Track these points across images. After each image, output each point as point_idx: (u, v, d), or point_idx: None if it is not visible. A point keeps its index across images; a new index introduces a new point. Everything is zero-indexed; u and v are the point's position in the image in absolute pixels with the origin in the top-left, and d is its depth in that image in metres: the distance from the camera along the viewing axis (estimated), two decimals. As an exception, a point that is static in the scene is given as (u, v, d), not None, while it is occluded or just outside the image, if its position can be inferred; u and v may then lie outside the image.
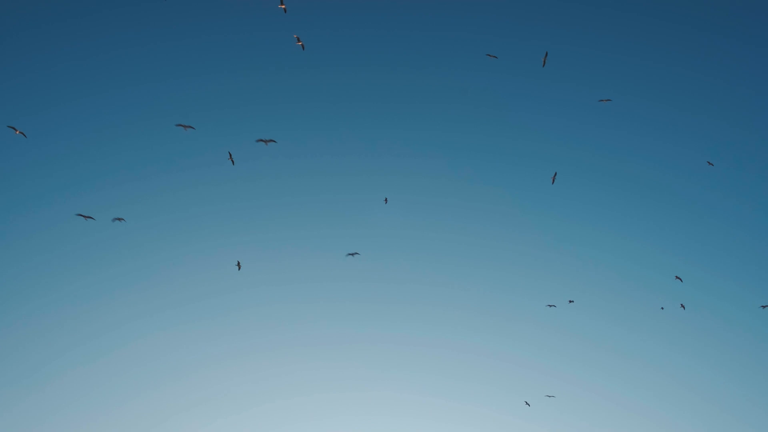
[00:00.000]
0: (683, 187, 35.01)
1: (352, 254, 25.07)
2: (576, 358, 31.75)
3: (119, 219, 23.97)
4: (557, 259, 32.86)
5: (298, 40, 22.15)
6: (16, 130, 21.89)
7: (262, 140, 23.30)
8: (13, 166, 30.80)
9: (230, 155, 23.56)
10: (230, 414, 29.42)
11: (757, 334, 33.02)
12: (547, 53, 23.89)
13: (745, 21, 35.32)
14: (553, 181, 24.46)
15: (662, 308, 28.52)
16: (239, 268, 25.55)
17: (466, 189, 34.75)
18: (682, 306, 27.20)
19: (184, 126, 22.87)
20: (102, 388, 29.46)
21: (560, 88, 35.13)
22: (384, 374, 31.41)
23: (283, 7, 21.77)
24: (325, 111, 34.52)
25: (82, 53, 31.91)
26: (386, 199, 27.76)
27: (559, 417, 29.99)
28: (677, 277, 27.26)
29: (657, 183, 35.10)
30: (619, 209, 35.32)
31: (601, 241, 34.75)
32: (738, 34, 35.28)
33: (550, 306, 27.53)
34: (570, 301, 27.62)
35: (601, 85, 35.36)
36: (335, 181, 33.99)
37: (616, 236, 34.85)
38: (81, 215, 22.78)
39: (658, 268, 32.57)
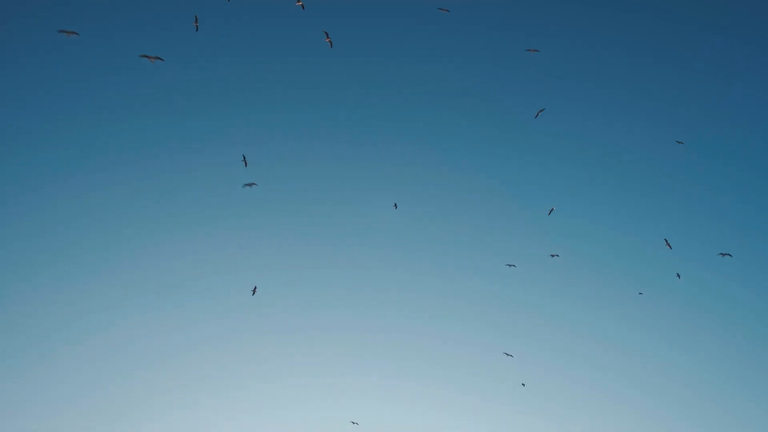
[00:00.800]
0: (678, 182, 34.94)
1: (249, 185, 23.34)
2: (561, 347, 31.67)
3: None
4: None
5: (327, 37, 21.41)
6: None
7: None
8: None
9: (244, 158, 23.10)
10: (207, 402, 29.01)
11: (751, 330, 33.00)
12: (543, 109, 23.61)
13: (745, 20, 35.33)
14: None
15: (641, 293, 28.45)
16: (254, 293, 25.14)
17: (449, 177, 34.41)
18: (678, 275, 26.20)
19: (150, 57, 19.81)
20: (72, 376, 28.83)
21: (559, 84, 34.95)
22: (371, 362, 30.84)
23: (301, 3, 21.28)
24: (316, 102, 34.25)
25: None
26: (396, 205, 27.18)
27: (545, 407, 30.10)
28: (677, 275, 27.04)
29: (654, 180, 35.00)
30: (616, 206, 35.18)
31: (598, 237, 34.65)
32: (738, 33, 35.28)
33: (508, 355, 26.82)
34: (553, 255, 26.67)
35: (602, 83, 35.33)
36: (316, 168, 33.62)
37: (614, 233, 34.74)
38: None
39: (655, 264, 32.77)
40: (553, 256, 26.58)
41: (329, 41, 21.40)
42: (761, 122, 35.29)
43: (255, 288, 25.04)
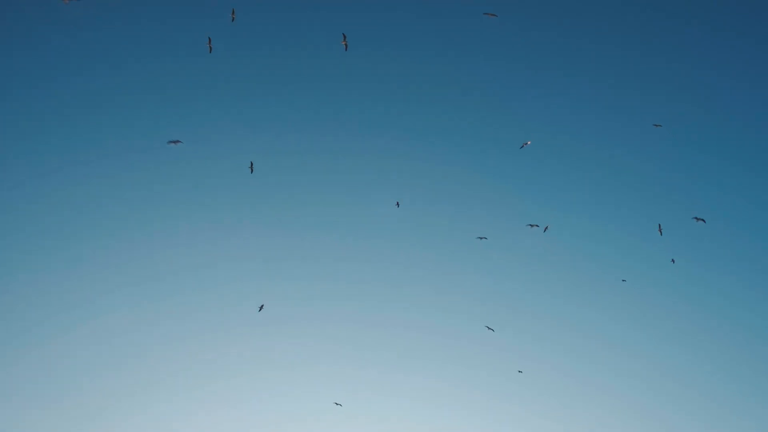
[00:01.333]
0: (674, 180, 34.81)
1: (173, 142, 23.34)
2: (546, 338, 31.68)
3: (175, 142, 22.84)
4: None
5: (344, 39, 21.03)
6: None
7: (172, 142, 22.63)
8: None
9: (251, 164, 23.12)
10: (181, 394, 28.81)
11: (744, 327, 32.91)
12: (527, 143, 23.37)
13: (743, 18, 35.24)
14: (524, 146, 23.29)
15: (624, 280, 28.51)
16: (260, 310, 25.29)
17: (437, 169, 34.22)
18: (659, 229, 23.84)
19: (174, 142, 22.73)
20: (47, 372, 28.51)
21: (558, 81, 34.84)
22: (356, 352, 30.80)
23: (345, 43, 20.97)
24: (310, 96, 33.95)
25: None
26: (398, 203, 26.99)
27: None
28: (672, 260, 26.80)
29: (650, 178, 34.89)
30: (613, 203, 35.08)
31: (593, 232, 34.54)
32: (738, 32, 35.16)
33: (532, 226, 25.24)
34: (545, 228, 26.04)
35: (601, 80, 35.19)
36: (304, 160, 33.43)
37: (612, 230, 34.62)
38: (171, 142, 22.59)
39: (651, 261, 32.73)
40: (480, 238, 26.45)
41: (345, 44, 21.11)
42: (753, 114, 35.32)
43: (262, 306, 25.32)
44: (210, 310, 30.53)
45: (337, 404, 26.23)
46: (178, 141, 22.73)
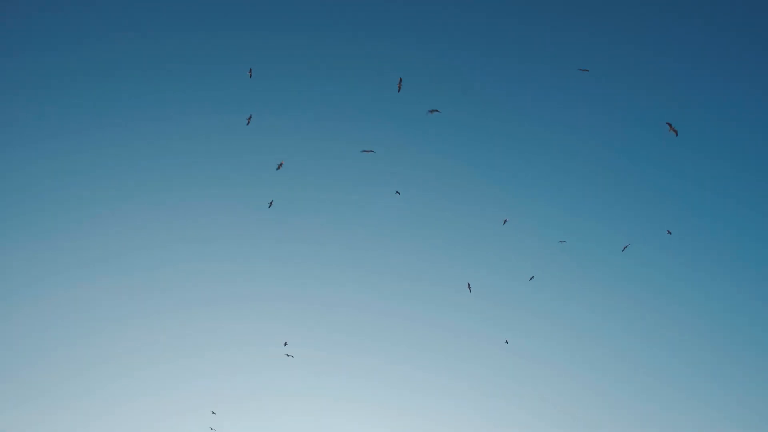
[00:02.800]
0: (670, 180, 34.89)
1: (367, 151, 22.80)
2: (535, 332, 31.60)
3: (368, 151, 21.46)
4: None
5: (399, 82, 20.45)
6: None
7: (365, 150, 21.45)
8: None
9: (250, 70, 22.61)
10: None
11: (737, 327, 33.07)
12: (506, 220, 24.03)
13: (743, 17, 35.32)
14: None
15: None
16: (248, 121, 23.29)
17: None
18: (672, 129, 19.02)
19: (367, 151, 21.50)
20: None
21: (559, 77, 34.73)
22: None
23: (400, 86, 20.44)
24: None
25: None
26: (398, 192, 26.63)
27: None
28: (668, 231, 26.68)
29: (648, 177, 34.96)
30: (610, 202, 35.11)
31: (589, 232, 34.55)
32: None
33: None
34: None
35: (599, 77, 35.09)
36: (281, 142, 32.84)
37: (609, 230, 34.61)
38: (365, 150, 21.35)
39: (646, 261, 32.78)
40: (561, 242, 26.90)
41: (399, 86, 20.57)
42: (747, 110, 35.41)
43: (286, 343, 24.88)
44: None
45: (288, 356, 25.52)
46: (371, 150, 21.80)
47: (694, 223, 34.62)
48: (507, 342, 27.26)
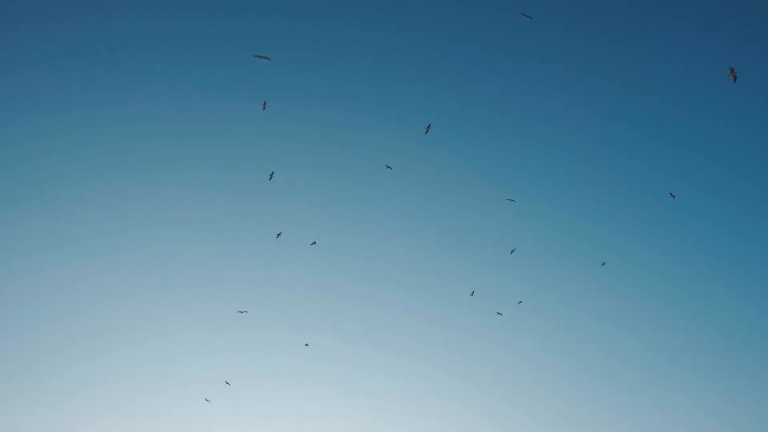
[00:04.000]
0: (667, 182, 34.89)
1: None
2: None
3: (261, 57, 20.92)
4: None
5: (427, 129, 20.63)
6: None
7: (259, 56, 20.69)
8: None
9: (264, 103, 22.41)
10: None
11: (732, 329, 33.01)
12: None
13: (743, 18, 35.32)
14: (427, 131, 22.19)
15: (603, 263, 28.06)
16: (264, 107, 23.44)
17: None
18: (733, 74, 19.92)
19: (261, 57, 20.56)
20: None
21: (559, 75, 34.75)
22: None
23: (428, 130, 20.37)
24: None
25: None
26: (388, 166, 26.46)
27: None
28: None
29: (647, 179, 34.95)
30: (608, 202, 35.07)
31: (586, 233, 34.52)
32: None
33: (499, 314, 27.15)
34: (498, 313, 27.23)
35: (599, 75, 35.12)
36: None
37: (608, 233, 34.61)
38: (258, 56, 20.54)
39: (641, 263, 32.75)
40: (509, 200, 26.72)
41: (427, 130, 20.53)
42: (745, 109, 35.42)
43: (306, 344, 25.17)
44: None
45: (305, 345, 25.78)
46: (266, 57, 21.17)
47: (694, 223, 34.66)
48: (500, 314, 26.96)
